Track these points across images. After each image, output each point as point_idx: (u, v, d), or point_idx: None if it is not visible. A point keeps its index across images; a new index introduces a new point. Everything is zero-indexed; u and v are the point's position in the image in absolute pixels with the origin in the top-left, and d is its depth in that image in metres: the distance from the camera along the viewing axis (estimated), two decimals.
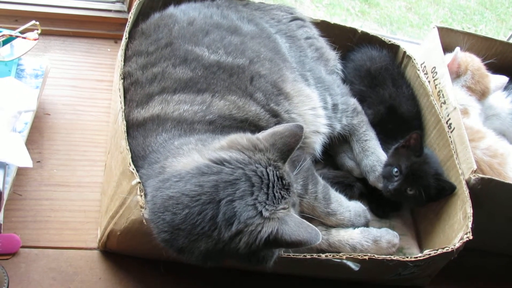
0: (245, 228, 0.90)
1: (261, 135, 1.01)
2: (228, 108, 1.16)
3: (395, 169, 1.33)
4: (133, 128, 1.12)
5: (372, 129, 1.48)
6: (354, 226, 1.27)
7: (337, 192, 1.30)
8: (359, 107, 1.49)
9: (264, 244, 0.91)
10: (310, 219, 1.04)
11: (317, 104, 1.34)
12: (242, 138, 1.00)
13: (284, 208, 0.94)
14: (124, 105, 1.15)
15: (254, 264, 0.96)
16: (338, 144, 1.50)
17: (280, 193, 0.95)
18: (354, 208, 1.30)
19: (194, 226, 0.91)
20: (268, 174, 0.95)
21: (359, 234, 1.25)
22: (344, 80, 1.57)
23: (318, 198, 1.21)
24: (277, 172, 0.97)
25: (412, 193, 1.31)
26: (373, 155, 1.43)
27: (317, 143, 1.34)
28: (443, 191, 1.31)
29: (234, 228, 0.90)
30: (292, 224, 0.91)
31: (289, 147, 1.00)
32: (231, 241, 0.90)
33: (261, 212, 0.91)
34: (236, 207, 0.90)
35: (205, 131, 1.11)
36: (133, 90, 1.18)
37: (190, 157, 0.99)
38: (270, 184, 0.94)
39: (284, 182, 0.97)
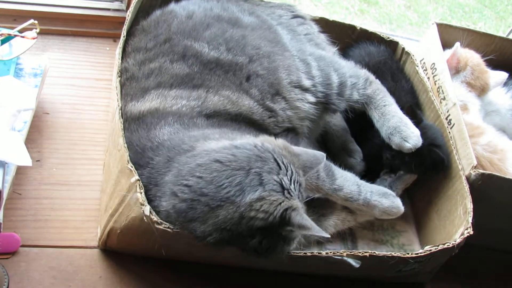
0: (268, 197, 0.94)
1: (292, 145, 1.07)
2: (223, 104, 1.17)
3: None
4: (129, 121, 1.12)
5: (391, 97, 1.42)
6: (369, 203, 1.26)
7: (345, 171, 1.29)
8: (372, 77, 1.44)
9: (280, 218, 0.93)
10: None
11: (312, 100, 1.33)
12: (276, 139, 1.06)
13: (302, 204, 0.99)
14: (121, 100, 1.15)
15: (257, 244, 0.97)
16: (338, 142, 1.50)
17: (298, 192, 1.00)
18: (369, 185, 1.29)
19: (220, 189, 0.93)
20: (292, 171, 0.99)
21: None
22: None
23: (321, 176, 1.21)
24: (298, 177, 1.01)
25: (410, 160, 1.32)
26: (395, 117, 1.35)
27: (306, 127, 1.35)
28: (436, 164, 1.32)
29: (258, 193, 0.94)
30: (305, 215, 0.97)
31: (311, 164, 1.06)
32: (251, 207, 0.93)
33: (284, 191, 0.96)
34: (264, 178, 0.95)
35: (207, 125, 1.12)
36: (128, 84, 1.19)
37: (221, 141, 1.03)
38: (292, 178, 0.99)
39: (300, 189, 1.01)
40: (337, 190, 1.23)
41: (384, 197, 1.29)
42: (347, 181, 1.26)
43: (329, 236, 0.98)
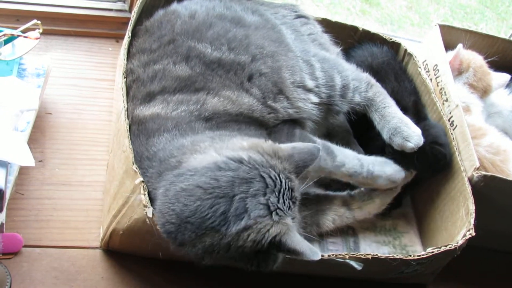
0: (254, 225, 0.91)
1: (282, 145, 1.04)
2: (222, 104, 1.16)
3: None
4: (135, 125, 1.12)
5: (391, 99, 1.41)
6: (372, 174, 1.26)
7: (343, 147, 1.30)
8: (373, 80, 1.44)
9: (269, 244, 0.92)
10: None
11: (315, 100, 1.34)
12: (264, 143, 1.02)
13: (292, 218, 0.96)
14: (127, 103, 1.15)
15: (254, 267, 0.97)
16: (340, 143, 1.50)
17: (289, 202, 0.97)
18: (369, 158, 1.29)
19: (204, 220, 0.91)
20: (281, 181, 0.96)
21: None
22: None
23: (322, 156, 1.19)
24: (289, 183, 0.98)
25: (412, 155, 1.30)
26: (395, 118, 1.35)
27: (308, 127, 1.35)
28: (439, 160, 1.32)
29: (244, 223, 0.90)
30: (297, 235, 0.94)
31: (305, 163, 1.02)
32: (238, 237, 0.91)
33: (272, 213, 0.93)
34: (248, 204, 0.92)
35: (205, 129, 1.12)
36: (135, 87, 1.19)
37: (208, 154, 1.00)
38: (282, 191, 0.96)
39: (293, 194, 0.98)
40: (340, 167, 1.23)
41: (386, 165, 1.29)
42: (348, 157, 1.25)
43: (320, 257, 0.95)
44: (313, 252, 0.93)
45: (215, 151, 1.00)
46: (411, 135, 1.30)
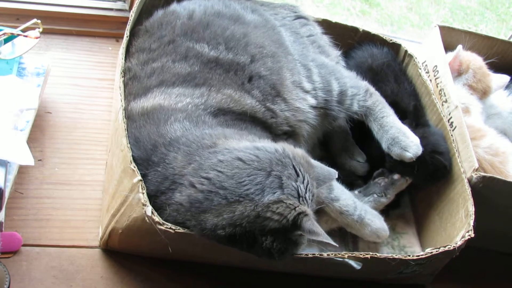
0: (285, 200, 0.96)
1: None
2: (226, 102, 1.17)
3: None
4: (132, 118, 1.11)
5: (389, 108, 1.41)
6: (363, 220, 1.26)
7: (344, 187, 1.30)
8: (372, 89, 1.44)
9: (293, 221, 0.96)
10: None
11: (312, 102, 1.34)
12: (295, 147, 1.08)
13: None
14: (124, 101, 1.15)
15: (273, 251, 0.98)
16: (339, 144, 1.50)
17: (311, 199, 1.02)
18: (364, 205, 1.30)
19: (240, 185, 0.95)
20: (308, 180, 1.01)
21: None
22: None
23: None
24: (312, 188, 1.03)
25: (412, 163, 1.31)
26: (393, 128, 1.35)
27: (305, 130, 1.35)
28: (439, 170, 1.32)
29: (276, 196, 0.96)
30: (316, 222, 0.99)
31: (324, 178, 1.10)
32: (268, 208, 0.95)
33: (300, 198, 0.98)
34: (284, 182, 0.98)
35: (216, 124, 1.13)
36: (131, 84, 1.19)
37: (242, 142, 1.05)
38: (308, 187, 1.01)
39: (313, 198, 1.03)
40: (334, 200, 1.25)
41: (377, 218, 1.30)
42: (344, 194, 1.27)
43: (336, 245, 0.99)
44: (330, 239, 0.99)
45: (248, 141, 1.05)
46: (409, 145, 1.31)
